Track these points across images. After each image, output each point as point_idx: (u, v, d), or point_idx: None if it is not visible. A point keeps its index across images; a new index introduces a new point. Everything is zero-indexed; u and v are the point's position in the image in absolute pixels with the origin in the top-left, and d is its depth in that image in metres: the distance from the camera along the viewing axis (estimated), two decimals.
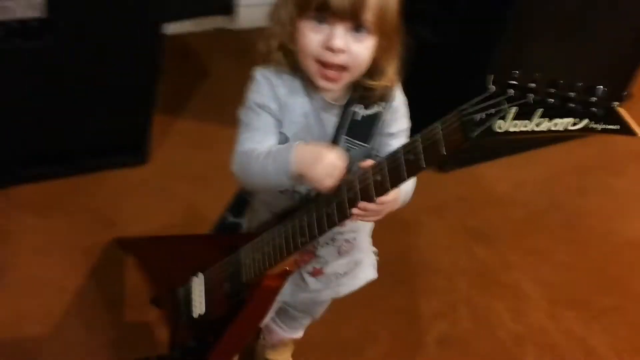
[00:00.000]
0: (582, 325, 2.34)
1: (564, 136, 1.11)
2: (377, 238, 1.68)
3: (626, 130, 1.06)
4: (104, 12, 2.05)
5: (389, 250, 2.33)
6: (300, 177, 1.26)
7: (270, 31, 1.35)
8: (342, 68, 1.30)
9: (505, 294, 2.38)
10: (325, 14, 1.26)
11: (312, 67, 1.31)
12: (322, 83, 1.33)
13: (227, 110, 1.48)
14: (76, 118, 2.23)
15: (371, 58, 1.32)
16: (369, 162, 1.24)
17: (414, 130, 1.63)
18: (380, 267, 1.71)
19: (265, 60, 1.37)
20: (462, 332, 2.23)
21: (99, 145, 2.35)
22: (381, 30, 1.30)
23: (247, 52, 1.40)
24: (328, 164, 1.23)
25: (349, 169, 1.26)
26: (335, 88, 1.34)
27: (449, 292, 2.34)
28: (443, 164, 2.76)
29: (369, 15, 1.26)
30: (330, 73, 1.30)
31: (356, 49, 1.29)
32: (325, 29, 1.27)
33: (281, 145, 1.33)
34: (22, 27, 1.95)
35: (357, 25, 1.27)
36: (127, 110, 2.31)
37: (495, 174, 2.84)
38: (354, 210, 1.25)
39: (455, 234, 2.55)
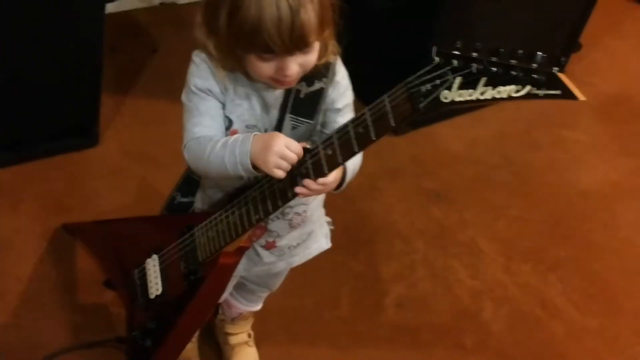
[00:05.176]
0: (538, 278, 2.39)
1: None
2: (334, 205, 1.68)
3: (567, 94, 1.09)
4: None
5: (345, 217, 2.38)
6: (255, 168, 1.28)
7: (207, 42, 1.33)
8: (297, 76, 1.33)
9: (462, 252, 2.41)
10: (271, 53, 1.25)
11: (267, 81, 1.33)
12: (277, 87, 1.35)
13: (176, 85, 1.46)
14: (23, 105, 2.19)
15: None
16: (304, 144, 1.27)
17: (366, 94, 1.64)
18: (338, 234, 1.73)
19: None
20: (421, 292, 2.26)
21: (49, 130, 2.31)
22: (324, 29, 1.30)
23: (193, 26, 1.37)
24: (276, 153, 1.25)
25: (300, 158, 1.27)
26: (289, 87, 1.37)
27: (406, 254, 2.36)
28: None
29: (312, 37, 1.26)
30: (285, 83, 1.33)
31: (307, 59, 1.30)
32: (274, 59, 1.27)
33: (237, 136, 1.32)
34: None
35: (304, 49, 1.28)
36: (74, 93, 2.27)
37: (448, 133, 2.85)
38: (297, 189, 1.28)
39: (411, 196, 2.58)
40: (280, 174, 1.26)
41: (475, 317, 2.23)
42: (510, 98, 1.10)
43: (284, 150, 1.25)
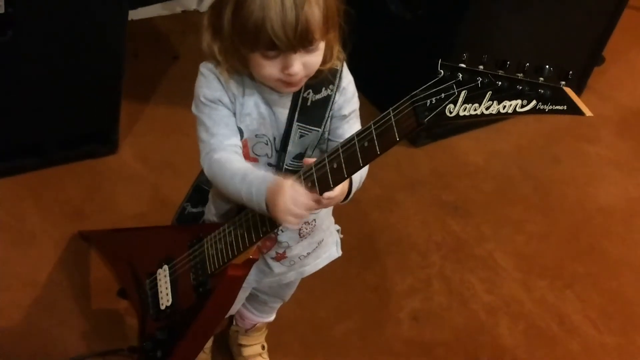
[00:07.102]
0: (555, 294, 2.36)
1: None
2: (349, 216, 1.67)
3: (573, 110, 1.08)
4: (65, 1, 2.02)
5: (361, 228, 2.37)
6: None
7: (213, 46, 1.34)
8: (302, 77, 1.32)
9: (478, 266, 2.40)
10: (275, 50, 1.26)
11: (272, 84, 1.34)
12: (283, 91, 1.35)
13: None
14: (44, 110, 2.21)
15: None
16: (312, 160, 1.26)
17: (382, 99, 1.62)
18: (353, 246, 1.72)
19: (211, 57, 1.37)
20: (436, 306, 2.24)
21: (69, 137, 2.33)
22: (328, 30, 1.30)
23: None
24: (282, 212, 1.24)
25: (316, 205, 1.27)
26: (295, 90, 1.36)
27: (422, 267, 2.35)
28: (415, 139, 2.76)
29: (317, 35, 1.27)
30: (291, 85, 1.33)
31: (312, 60, 1.30)
32: (279, 58, 1.27)
33: (255, 175, 1.31)
34: None
35: (308, 46, 1.28)
36: (95, 100, 2.29)
37: (468, 146, 2.84)
38: None
39: (428, 208, 2.56)
40: (293, 226, 1.30)
41: (490, 333, 2.21)
42: (515, 113, 1.09)
43: (290, 207, 1.24)
